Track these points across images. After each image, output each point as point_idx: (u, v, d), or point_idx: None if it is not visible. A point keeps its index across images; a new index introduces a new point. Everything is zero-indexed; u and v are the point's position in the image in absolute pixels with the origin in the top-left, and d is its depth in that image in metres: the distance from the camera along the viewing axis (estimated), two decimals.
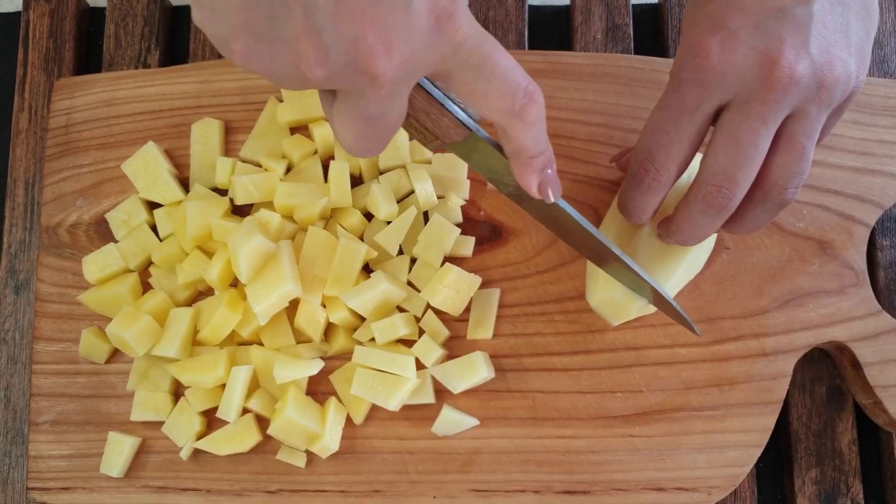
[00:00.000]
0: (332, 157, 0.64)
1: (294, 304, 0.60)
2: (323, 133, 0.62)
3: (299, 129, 0.65)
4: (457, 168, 0.63)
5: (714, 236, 0.61)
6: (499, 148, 0.48)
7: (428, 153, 0.63)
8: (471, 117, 0.46)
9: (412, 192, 0.62)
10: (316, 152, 0.63)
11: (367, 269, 0.62)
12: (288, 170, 0.63)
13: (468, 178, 0.63)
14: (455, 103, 0.45)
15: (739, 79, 0.47)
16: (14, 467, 0.65)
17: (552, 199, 0.48)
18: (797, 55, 0.46)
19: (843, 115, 0.51)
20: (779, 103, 0.46)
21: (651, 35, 0.73)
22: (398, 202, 0.63)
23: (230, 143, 0.65)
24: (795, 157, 0.48)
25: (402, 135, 0.62)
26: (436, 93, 0.44)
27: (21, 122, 0.70)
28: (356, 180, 0.64)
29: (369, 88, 0.38)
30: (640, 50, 0.71)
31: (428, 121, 0.46)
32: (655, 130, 0.50)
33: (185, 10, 0.74)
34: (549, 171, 0.47)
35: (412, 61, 0.38)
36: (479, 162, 0.50)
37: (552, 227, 0.58)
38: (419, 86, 0.43)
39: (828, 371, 0.64)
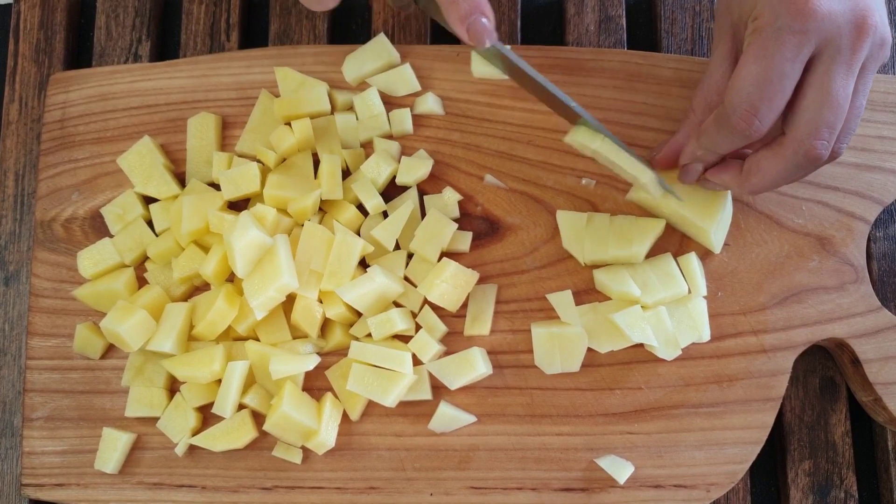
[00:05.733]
0: (314, 151, 0.63)
1: (290, 300, 0.59)
2: (302, 126, 0.62)
3: None
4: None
5: (731, 209, 0.61)
6: None
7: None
8: None
9: (394, 174, 0.62)
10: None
11: (363, 264, 0.61)
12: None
13: (465, 172, 0.63)
14: None
15: (835, 24, 0.48)
16: (4, 459, 0.64)
17: (486, 45, 0.52)
18: (874, 9, 0.48)
19: None
20: (863, 53, 0.49)
21: (644, 27, 0.72)
22: (386, 189, 0.63)
23: (227, 138, 0.65)
24: (854, 114, 0.50)
25: None
26: None
27: (11, 114, 0.69)
28: (344, 174, 0.63)
29: None
30: (632, 42, 0.71)
31: None
32: (757, 82, 0.49)
33: (176, 2, 0.73)
34: (483, 19, 0.51)
35: None
36: (430, 13, 0.54)
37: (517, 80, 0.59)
38: None
39: (821, 363, 0.64)
